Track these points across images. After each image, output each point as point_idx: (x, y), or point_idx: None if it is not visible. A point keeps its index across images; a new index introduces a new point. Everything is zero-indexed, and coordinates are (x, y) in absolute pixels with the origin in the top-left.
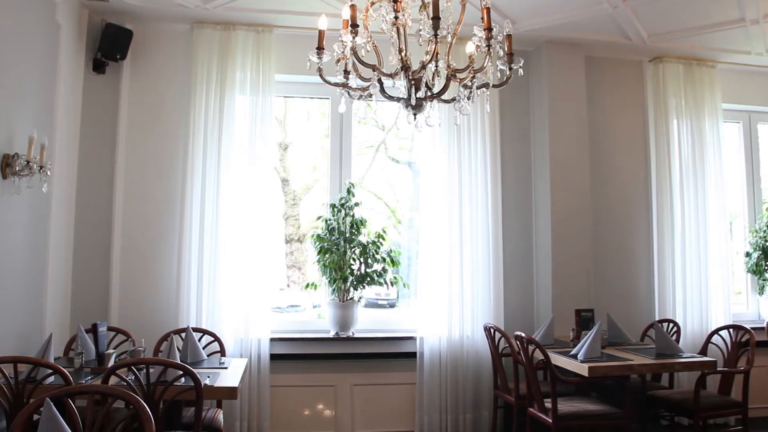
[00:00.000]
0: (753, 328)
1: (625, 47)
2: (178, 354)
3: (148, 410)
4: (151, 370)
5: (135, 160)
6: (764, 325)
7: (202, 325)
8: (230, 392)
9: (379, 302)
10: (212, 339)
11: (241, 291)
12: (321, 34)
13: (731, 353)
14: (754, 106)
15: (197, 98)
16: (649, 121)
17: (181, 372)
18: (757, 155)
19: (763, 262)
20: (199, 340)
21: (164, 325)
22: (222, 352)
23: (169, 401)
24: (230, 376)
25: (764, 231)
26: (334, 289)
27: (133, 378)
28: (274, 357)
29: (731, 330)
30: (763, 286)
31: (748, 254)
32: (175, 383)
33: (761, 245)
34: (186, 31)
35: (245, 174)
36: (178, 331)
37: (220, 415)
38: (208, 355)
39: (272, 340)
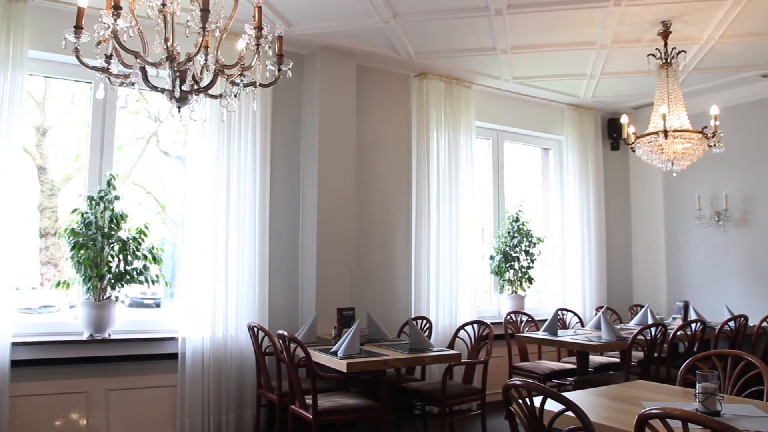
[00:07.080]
0: (493, 323)
1: (394, 61)
2: None
3: None
4: None
5: None
6: (502, 320)
7: None
8: None
9: (145, 301)
10: None
11: None
12: (80, 11)
13: (474, 346)
14: (501, 126)
15: None
16: (413, 132)
17: None
18: (503, 170)
19: (504, 265)
20: None
21: None
22: None
23: None
24: None
25: (505, 237)
26: (89, 288)
27: None
28: (16, 363)
29: (475, 325)
30: (503, 286)
31: (492, 257)
32: None
33: (502, 249)
34: None
35: None
36: None
37: None
38: None
39: (15, 344)
